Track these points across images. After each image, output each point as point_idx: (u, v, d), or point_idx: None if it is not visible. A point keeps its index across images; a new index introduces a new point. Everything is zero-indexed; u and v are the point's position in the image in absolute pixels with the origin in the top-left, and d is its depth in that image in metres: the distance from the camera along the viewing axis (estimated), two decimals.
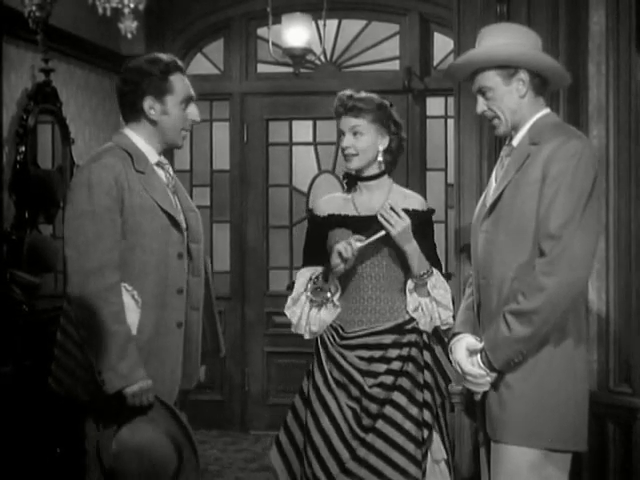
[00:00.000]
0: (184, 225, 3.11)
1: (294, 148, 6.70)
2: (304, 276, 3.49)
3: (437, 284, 3.37)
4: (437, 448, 3.37)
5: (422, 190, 6.49)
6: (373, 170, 3.48)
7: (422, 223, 3.47)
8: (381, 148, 3.46)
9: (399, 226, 3.33)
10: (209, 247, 6.57)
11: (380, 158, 3.47)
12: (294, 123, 6.67)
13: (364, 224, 3.41)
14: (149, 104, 3.09)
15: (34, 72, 5.09)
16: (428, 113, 6.53)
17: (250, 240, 6.66)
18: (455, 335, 3.05)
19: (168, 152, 3.22)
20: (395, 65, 6.54)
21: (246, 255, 6.64)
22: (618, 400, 3.75)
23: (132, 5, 4.09)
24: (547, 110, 2.99)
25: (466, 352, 2.93)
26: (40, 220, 5.07)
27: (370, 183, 3.48)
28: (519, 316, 2.79)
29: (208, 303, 3.22)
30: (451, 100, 5.81)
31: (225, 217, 6.71)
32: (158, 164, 3.14)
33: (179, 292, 3.08)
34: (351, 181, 3.52)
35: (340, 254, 3.28)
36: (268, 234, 6.68)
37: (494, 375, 2.86)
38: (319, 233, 3.50)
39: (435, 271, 3.38)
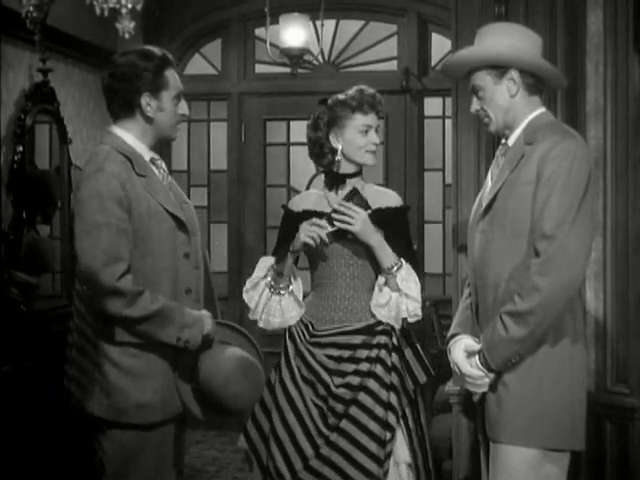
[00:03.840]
0: (188, 225, 3.08)
1: (292, 148, 6.70)
2: (265, 262, 3.49)
3: (407, 277, 3.34)
4: (400, 450, 3.36)
5: (420, 190, 6.50)
6: (358, 168, 3.50)
7: (396, 219, 3.45)
8: None
9: (357, 221, 3.33)
10: (206, 248, 6.57)
11: None
12: (292, 123, 6.67)
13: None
14: (146, 101, 3.02)
15: (32, 72, 5.08)
16: (426, 113, 6.54)
17: (248, 240, 6.66)
18: (453, 336, 3.05)
19: (166, 152, 3.18)
20: (393, 65, 6.55)
21: (244, 255, 6.63)
22: (615, 400, 3.75)
23: (129, 5, 4.09)
24: (542, 109, 2.99)
25: (464, 353, 2.93)
26: (38, 220, 5.06)
27: (348, 180, 3.49)
28: (515, 317, 2.79)
29: (209, 295, 3.21)
30: (449, 100, 5.80)
31: (223, 217, 6.71)
32: (151, 161, 3.08)
33: (187, 292, 3.06)
34: (337, 180, 3.51)
35: (313, 238, 3.31)
36: (266, 234, 6.68)
37: (492, 376, 2.87)
38: (292, 227, 3.47)
39: (405, 264, 3.36)
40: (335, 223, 3.34)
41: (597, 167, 3.75)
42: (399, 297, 3.34)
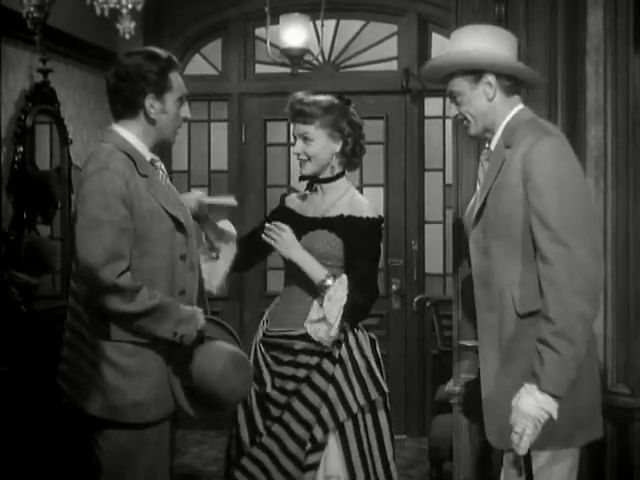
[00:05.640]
0: (186, 226, 3.08)
1: (292, 148, 6.67)
2: None
3: (332, 295, 3.28)
4: (332, 463, 3.33)
5: (420, 190, 6.50)
6: (327, 174, 3.47)
7: (351, 228, 3.37)
8: (335, 152, 3.44)
9: (277, 238, 3.36)
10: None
11: (333, 162, 3.45)
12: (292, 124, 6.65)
13: (308, 225, 3.43)
14: (150, 102, 3.01)
15: (32, 73, 5.08)
16: (426, 113, 6.54)
17: None
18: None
19: (166, 152, 3.19)
20: (393, 65, 6.55)
21: None
22: (616, 400, 3.75)
23: (130, 6, 4.09)
24: (520, 107, 2.97)
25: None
26: (38, 221, 5.06)
27: (325, 185, 3.48)
28: (561, 336, 2.72)
29: (200, 296, 3.21)
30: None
31: None
32: (151, 162, 3.08)
33: (181, 293, 3.07)
34: (310, 182, 3.53)
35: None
36: None
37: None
38: (274, 218, 3.55)
39: (335, 282, 3.29)
40: (264, 237, 3.41)
41: (597, 167, 3.76)
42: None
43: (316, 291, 3.35)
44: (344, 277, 3.30)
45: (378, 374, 3.40)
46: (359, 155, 3.50)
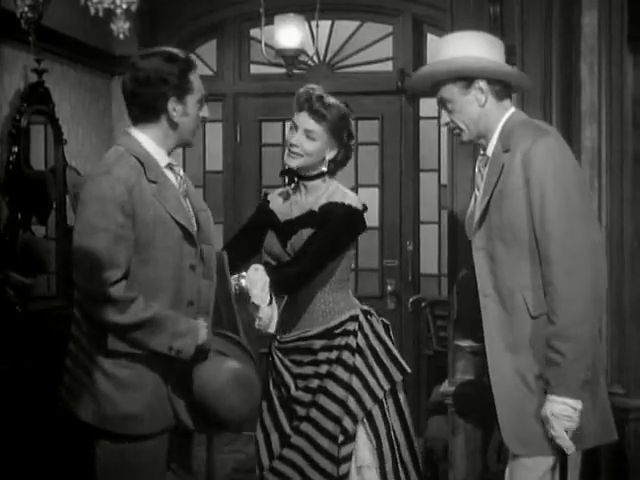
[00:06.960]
0: (196, 237, 2.98)
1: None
2: None
3: (253, 284, 3.25)
4: (363, 454, 3.34)
5: (415, 191, 6.50)
6: (312, 172, 3.45)
7: (327, 213, 3.36)
8: (327, 157, 3.43)
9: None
10: None
11: (324, 168, 3.44)
12: (287, 124, 6.56)
13: (290, 229, 3.41)
14: (172, 106, 2.92)
15: (27, 73, 5.08)
16: (421, 114, 6.54)
17: None
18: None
19: None
20: (388, 66, 6.55)
21: None
22: (611, 400, 3.75)
23: (124, 6, 4.08)
24: (512, 110, 2.97)
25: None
26: (33, 221, 5.06)
27: (307, 183, 3.47)
28: (562, 337, 2.73)
29: (226, 301, 3.14)
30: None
31: (219, 218, 6.66)
32: (168, 166, 3.00)
33: (189, 304, 2.96)
34: (290, 177, 3.50)
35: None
36: None
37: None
38: (259, 222, 3.53)
39: (250, 273, 3.26)
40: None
41: (592, 167, 3.76)
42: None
43: (321, 285, 3.37)
44: (256, 265, 3.29)
45: (398, 356, 3.43)
46: (345, 163, 3.51)
